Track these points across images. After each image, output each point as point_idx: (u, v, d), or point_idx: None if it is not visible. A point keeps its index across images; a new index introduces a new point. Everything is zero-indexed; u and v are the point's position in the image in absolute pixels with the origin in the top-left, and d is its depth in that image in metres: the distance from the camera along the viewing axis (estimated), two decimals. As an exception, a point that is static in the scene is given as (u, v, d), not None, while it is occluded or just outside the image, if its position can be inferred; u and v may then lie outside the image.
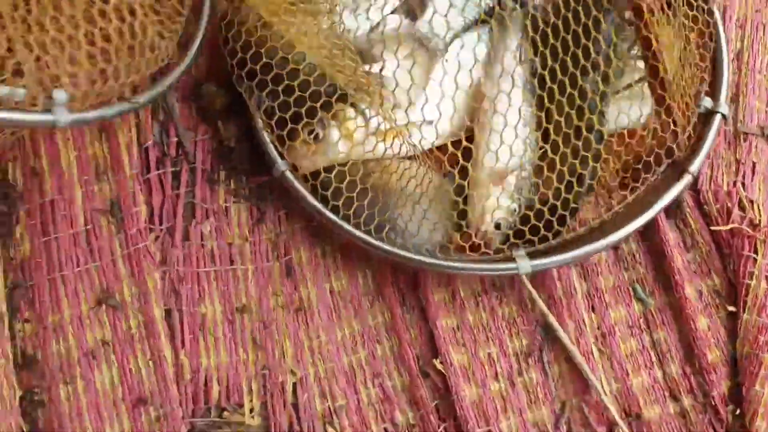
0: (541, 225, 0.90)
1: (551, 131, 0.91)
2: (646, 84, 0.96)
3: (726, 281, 0.99)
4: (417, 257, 0.89)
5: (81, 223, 0.92)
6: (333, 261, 0.94)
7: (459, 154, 0.91)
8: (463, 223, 0.91)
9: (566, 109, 0.90)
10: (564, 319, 0.95)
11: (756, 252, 0.98)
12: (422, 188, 0.91)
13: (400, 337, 0.93)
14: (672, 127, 0.94)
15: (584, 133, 0.90)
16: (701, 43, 1.00)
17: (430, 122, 0.90)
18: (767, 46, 1.10)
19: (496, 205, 0.90)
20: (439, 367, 0.92)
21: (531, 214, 0.91)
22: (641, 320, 0.97)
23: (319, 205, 0.90)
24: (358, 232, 0.89)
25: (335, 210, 0.90)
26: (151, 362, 0.87)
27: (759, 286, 0.97)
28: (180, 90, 0.97)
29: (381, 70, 0.90)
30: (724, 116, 0.98)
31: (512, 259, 0.90)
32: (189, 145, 0.96)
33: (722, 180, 1.02)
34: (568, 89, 0.90)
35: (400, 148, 0.91)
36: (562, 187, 0.90)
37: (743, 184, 1.02)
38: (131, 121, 0.95)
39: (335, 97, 0.91)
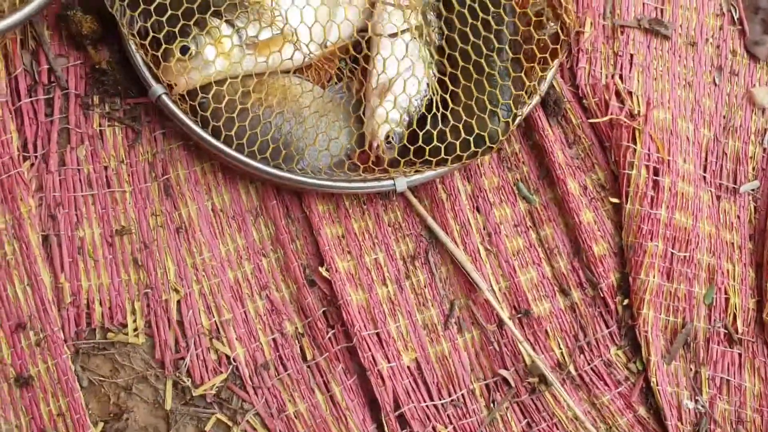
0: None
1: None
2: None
3: (610, 174, 1.01)
4: (300, 178, 0.89)
5: (-49, 157, 0.90)
6: (213, 178, 0.94)
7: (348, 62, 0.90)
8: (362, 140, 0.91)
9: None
10: (448, 221, 0.96)
11: (635, 142, 0.99)
12: (307, 104, 0.90)
13: (285, 248, 0.93)
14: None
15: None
16: None
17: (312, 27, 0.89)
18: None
19: (385, 117, 0.90)
20: (325, 274, 0.92)
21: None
22: (527, 218, 0.99)
23: (198, 129, 0.89)
24: (239, 155, 0.88)
25: (216, 132, 0.89)
26: (28, 287, 0.87)
27: (639, 175, 0.98)
28: (49, 17, 0.95)
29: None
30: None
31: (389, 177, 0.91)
32: (61, 71, 0.94)
33: (600, 73, 1.03)
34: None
35: (281, 61, 0.89)
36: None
37: (621, 77, 1.03)
38: (-5, 49, 0.93)
39: (209, 13, 0.89)
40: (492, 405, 0.93)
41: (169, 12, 0.87)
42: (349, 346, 0.91)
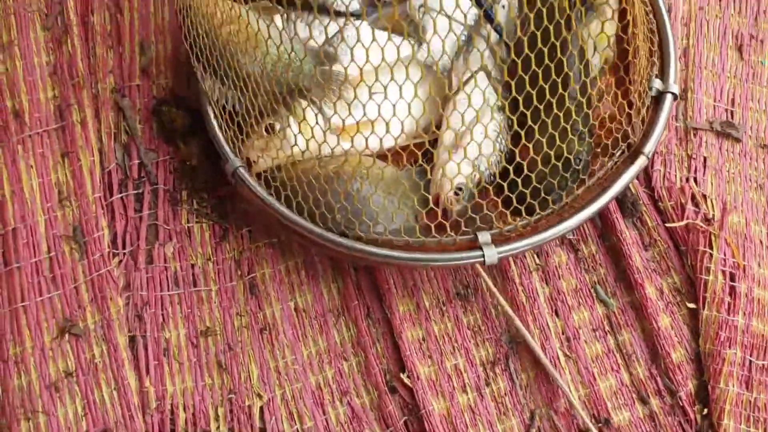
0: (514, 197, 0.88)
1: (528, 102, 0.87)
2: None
3: (685, 278, 1.01)
4: (379, 251, 0.86)
5: (44, 251, 0.91)
6: (297, 276, 0.94)
7: (419, 155, 0.89)
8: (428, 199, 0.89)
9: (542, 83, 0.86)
10: (528, 325, 0.96)
11: (711, 247, 0.99)
12: (379, 179, 0.89)
13: (366, 352, 0.93)
14: (626, 109, 0.94)
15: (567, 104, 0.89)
16: (649, 26, 1.00)
17: (390, 121, 0.89)
18: (711, 42, 1.12)
19: (456, 170, 0.87)
20: (407, 381, 0.92)
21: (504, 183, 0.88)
22: (605, 322, 0.99)
23: (274, 202, 0.88)
24: (316, 228, 0.87)
25: (289, 204, 0.87)
26: (115, 392, 0.86)
27: (716, 281, 0.99)
28: (141, 111, 0.97)
29: (346, 68, 0.86)
30: (675, 96, 0.98)
31: (478, 247, 0.87)
32: (151, 166, 0.95)
33: (675, 176, 1.04)
34: (545, 61, 0.86)
35: (359, 145, 0.88)
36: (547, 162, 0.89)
37: (695, 180, 1.04)
38: (93, 145, 0.95)
39: (294, 93, 0.89)
40: None
41: (254, 89, 0.87)
42: (431, 454, 0.90)
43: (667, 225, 1.01)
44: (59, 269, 0.90)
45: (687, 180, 1.03)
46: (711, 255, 0.99)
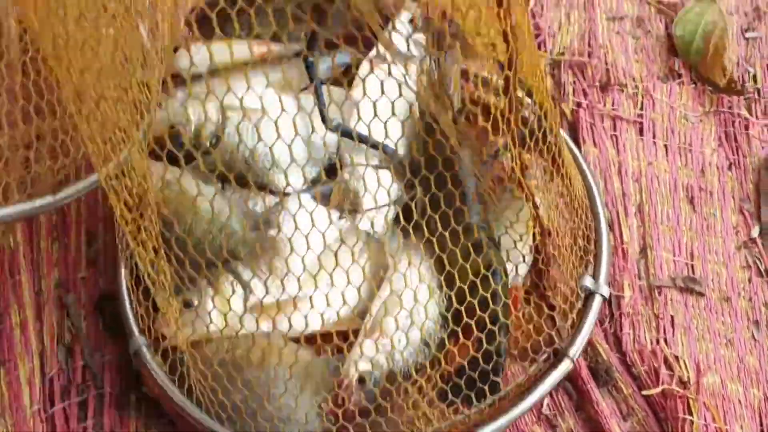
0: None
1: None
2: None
3: (668, 447, 0.97)
4: None
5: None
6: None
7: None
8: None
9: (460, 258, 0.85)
10: None
11: (690, 413, 0.96)
12: (292, 368, 0.82)
13: None
14: (548, 311, 0.91)
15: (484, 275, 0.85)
16: (579, 222, 0.97)
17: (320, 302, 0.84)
18: (665, 196, 1.13)
19: (360, 354, 0.83)
20: None
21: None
22: (590, 501, 0.93)
23: (174, 390, 0.81)
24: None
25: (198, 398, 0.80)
26: None
27: (700, 448, 0.95)
28: (87, 306, 0.92)
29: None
30: (604, 298, 0.94)
31: None
32: (96, 367, 0.89)
33: (645, 338, 1.02)
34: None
35: (283, 327, 0.82)
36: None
37: (666, 341, 1.02)
38: (34, 349, 0.88)
39: (217, 264, 0.83)
40: None
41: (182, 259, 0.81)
42: None
43: (643, 393, 0.98)
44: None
45: (657, 342, 1.01)
46: (692, 422, 0.95)
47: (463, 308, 0.84)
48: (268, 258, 0.84)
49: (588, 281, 0.94)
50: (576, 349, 0.90)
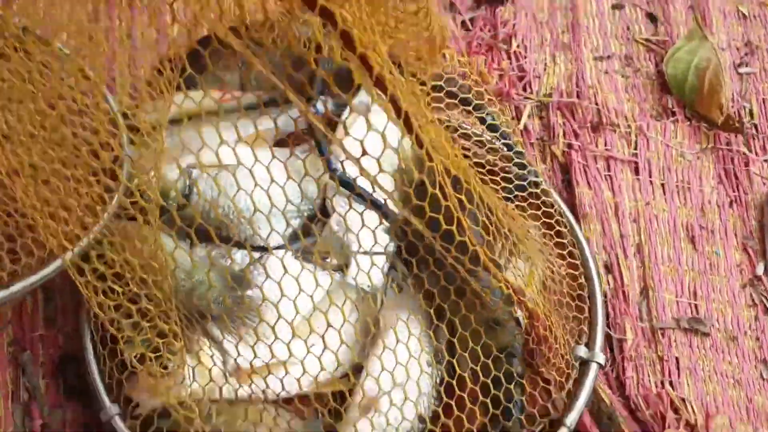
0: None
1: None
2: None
3: (681, 497, 0.90)
4: None
5: None
6: None
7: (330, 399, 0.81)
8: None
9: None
10: None
11: (702, 458, 0.90)
12: None
13: None
14: (542, 384, 0.87)
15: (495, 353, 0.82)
16: (575, 292, 0.94)
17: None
18: (664, 237, 1.09)
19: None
20: None
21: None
22: None
23: None
24: None
25: None
26: None
27: (713, 496, 0.88)
28: (45, 365, 0.87)
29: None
30: (600, 366, 0.90)
31: None
32: (57, 426, 0.84)
33: (650, 381, 0.96)
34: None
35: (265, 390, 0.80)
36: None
37: (671, 383, 0.96)
38: (-15, 412, 0.84)
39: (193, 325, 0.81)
40: None
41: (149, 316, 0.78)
42: None
43: (651, 442, 0.92)
44: None
45: (662, 385, 0.96)
46: (702, 467, 0.89)
47: (478, 387, 0.82)
48: (244, 318, 0.81)
49: (582, 351, 0.90)
50: (573, 418, 0.87)
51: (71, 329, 0.89)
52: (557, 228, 0.97)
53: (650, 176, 1.14)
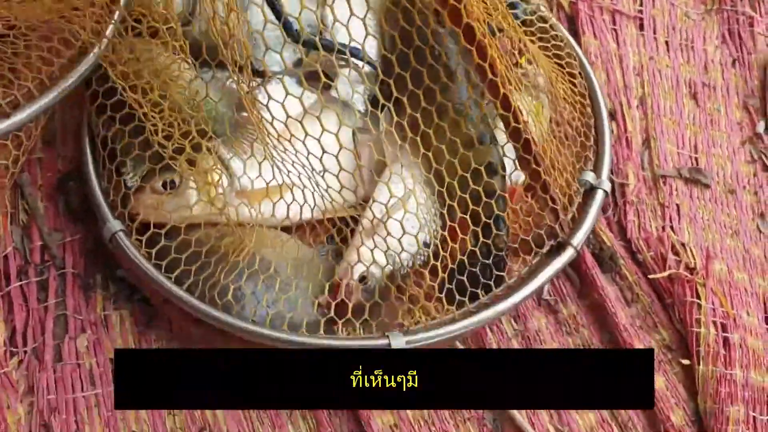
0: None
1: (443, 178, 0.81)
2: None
3: (674, 333, 0.91)
4: (274, 334, 0.73)
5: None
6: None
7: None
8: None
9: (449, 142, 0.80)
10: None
11: (698, 297, 0.90)
12: (286, 261, 0.77)
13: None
14: (551, 204, 0.86)
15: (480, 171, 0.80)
16: (581, 118, 0.93)
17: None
18: (666, 91, 1.08)
19: (365, 257, 0.78)
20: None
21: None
22: (594, 389, 0.87)
23: (162, 279, 0.74)
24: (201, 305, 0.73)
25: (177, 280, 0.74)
26: None
27: (709, 333, 0.89)
28: (44, 187, 0.84)
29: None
30: (606, 193, 0.89)
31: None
32: (56, 248, 0.81)
33: (651, 226, 0.96)
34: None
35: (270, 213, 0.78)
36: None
37: (672, 228, 0.96)
38: (-17, 229, 0.81)
39: (201, 140, 0.77)
40: None
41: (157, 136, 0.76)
42: None
43: (649, 277, 0.92)
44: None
45: (663, 229, 0.96)
46: (699, 306, 0.90)
47: (455, 203, 0.80)
48: (247, 137, 0.78)
49: (589, 176, 0.89)
50: (579, 238, 0.86)
51: (70, 152, 0.86)
52: (566, 59, 0.95)
53: (654, 33, 1.12)
